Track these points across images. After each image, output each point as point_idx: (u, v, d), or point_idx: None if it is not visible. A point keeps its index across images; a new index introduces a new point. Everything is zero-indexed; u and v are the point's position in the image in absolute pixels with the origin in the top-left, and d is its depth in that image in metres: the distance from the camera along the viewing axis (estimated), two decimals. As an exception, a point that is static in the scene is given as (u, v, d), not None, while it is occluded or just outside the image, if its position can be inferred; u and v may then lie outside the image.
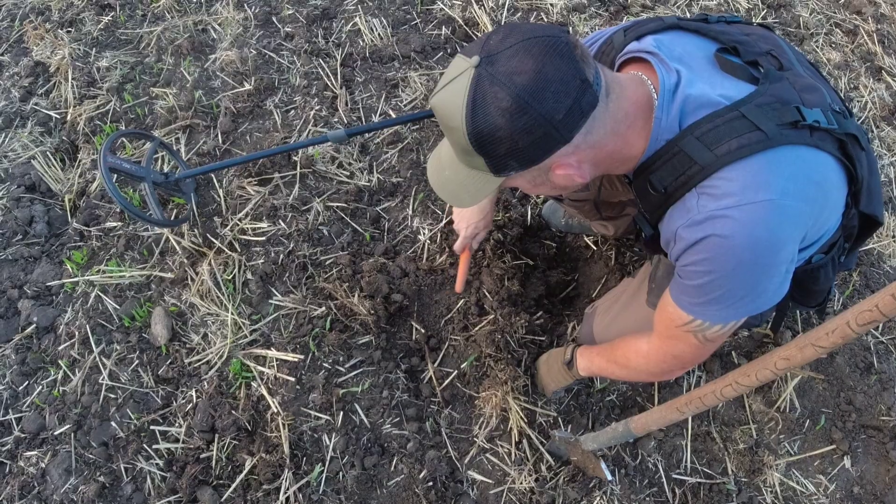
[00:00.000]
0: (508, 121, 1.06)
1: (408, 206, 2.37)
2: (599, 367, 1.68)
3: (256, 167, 2.46)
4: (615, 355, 1.58)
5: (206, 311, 2.20)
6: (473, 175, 1.22)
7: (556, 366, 1.83)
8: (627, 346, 1.53)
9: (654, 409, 1.58)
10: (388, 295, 2.12)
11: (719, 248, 1.14)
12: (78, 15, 3.12)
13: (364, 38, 2.86)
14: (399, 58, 2.80)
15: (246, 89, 2.71)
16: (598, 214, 1.93)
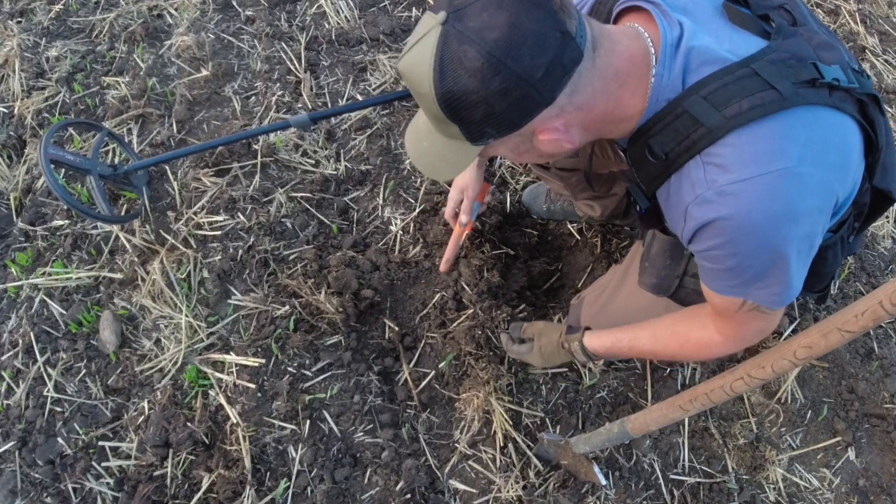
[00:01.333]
0: (481, 82, 0.89)
1: (378, 195, 2.14)
2: (632, 352, 1.44)
3: (214, 157, 2.20)
4: (659, 348, 1.37)
5: (159, 314, 1.95)
6: (450, 145, 1.06)
7: (551, 346, 1.59)
8: (682, 341, 1.32)
9: (652, 407, 1.37)
10: (358, 291, 1.89)
11: (735, 229, 0.98)
12: (29, 5, 2.83)
13: (330, 21, 2.61)
14: (367, 41, 2.56)
15: (203, 75, 2.45)
16: (587, 188, 1.72)
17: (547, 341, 1.55)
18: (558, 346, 1.52)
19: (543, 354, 1.56)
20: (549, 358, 1.57)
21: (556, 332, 1.55)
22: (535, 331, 1.60)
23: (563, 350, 1.52)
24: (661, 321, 1.37)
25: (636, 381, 1.83)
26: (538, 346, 1.56)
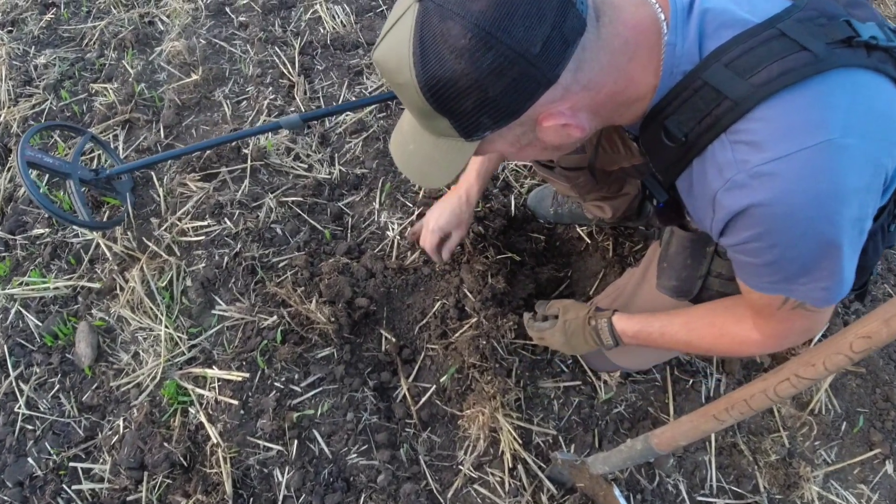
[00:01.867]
0: (470, 63, 0.76)
1: (374, 199, 1.98)
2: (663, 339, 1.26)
3: (201, 161, 2.05)
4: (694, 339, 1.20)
5: (138, 325, 1.78)
6: (441, 144, 0.91)
7: (577, 323, 1.39)
8: (717, 334, 1.15)
9: (681, 419, 1.19)
10: (352, 299, 1.72)
11: (774, 216, 0.83)
12: (20, 15, 2.72)
13: (325, 26, 2.49)
14: (364, 45, 2.43)
15: (192, 80, 2.32)
16: (595, 188, 1.57)
17: (573, 316, 1.38)
18: (584, 323, 1.35)
19: (567, 331, 1.39)
20: (573, 336, 1.39)
21: (584, 309, 1.38)
22: (561, 306, 1.42)
23: (589, 328, 1.34)
24: (696, 310, 1.20)
25: (656, 393, 1.65)
26: (562, 321, 1.39)
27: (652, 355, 1.54)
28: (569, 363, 1.63)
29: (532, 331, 1.48)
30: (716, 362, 1.71)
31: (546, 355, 1.63)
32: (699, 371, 1.69)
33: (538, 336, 1.46)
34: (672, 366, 1.68)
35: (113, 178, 1.99)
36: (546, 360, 1.63)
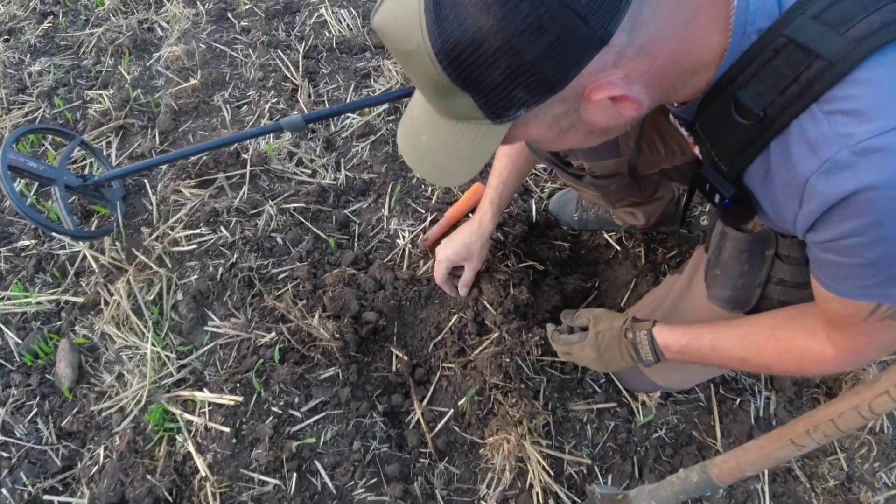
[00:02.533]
0: (500, 16, 0.58)
1: (383, 205, 1.79)
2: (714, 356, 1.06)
3: (197, 167, 1.87)
4: (752, 355, 1.00)
5: (123, 343, 1.58)
6: (462, 131, 0.72)
7: (612, 334, 1.20)
8: (781, 350, 0.95)
9: (747, 446, 1.00)
10: (359, 314, 1.52)
11: (887, 203, 0.64)
12: (18, 24, 2.57)
13: (331, 30, 2.33)
14: (371, 48, 2.26)
15: (190, 84, 2.15)
16: (627, 194, 1.38)
17: (607, 327, 1.19)
18: (620, 336, 1.17)
19: (600, 345, 1.19)
20: (606, 350, 1.19)
21: (619, 319, 1.19)
22: (591, 316, 1.23)
23: (626, 341, 1.15)
24: (755, 321, 1.01)
25: (700, 415, 1.43)
26: (594, 333, 1.19)
27: (697, 372, 1.33)
28: (602, 382, 1.42)
29: (558, 345, 1.27)
30: (764, 379, 1.49)
31: (576, 374, 1.42)
32: (746, 389, 1.48)
33: (565, 351, 1.26)
34: (716, 384, 1.47)
35: (102, 184, 1.81)
36: (577, 379, 1.41)
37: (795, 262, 1.02)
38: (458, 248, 1.44)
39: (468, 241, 1.43)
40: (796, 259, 1.02)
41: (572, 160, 1.25)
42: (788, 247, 1.02)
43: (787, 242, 1.02)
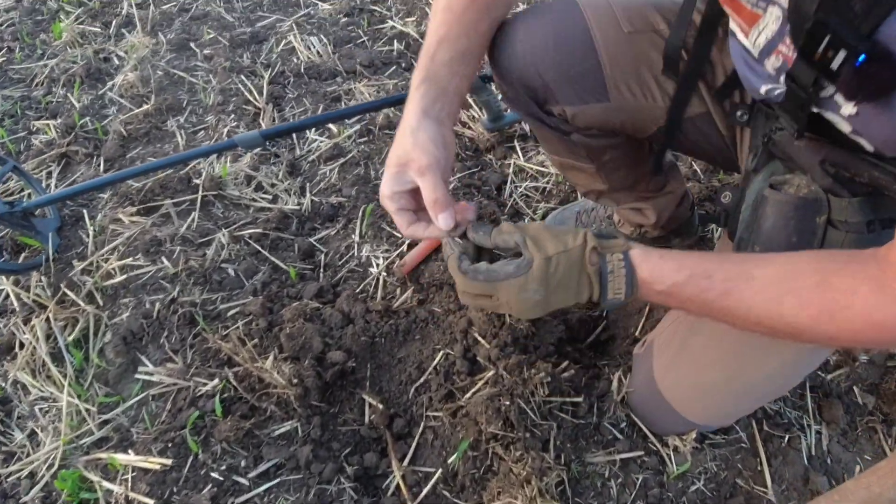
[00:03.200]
0: None
1: (353, 231, 1.52)
2: (723, 302, 0.71)
3: (142, 193, 1.60)
4: (786, 310, 0.67)
5: (39, 394, 1.26)
6: None
7: (570, 260, 0.75)
8: (833, 305, 0.65)
9: (845, 486, 0.72)
10: (323, 354, 1.22)
11: None
12: (-28, 60, 2.34)
13: (299, 56, 2.12)
14: (342, 73, 2.05)
15: (142, 109, 1.90)
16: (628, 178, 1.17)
17: (560, 248, 0.74)
18: (583, 261, 0.74)
19: (551, 277, 0.74)
20: (560, 286, 0.75)
21: (574, 236, 0.76)
22: (527, 233, 0.77)
23: (590, 268, 0.74)
24: (795, 260, 0.70)
25: (744, 459, 1.12)
26: (542, 260, 0.73)
27: (739, 401, 1.03)
28: (623, 426, 1.11)
29: (470, 282, 0.77)
30: (811, 410, 1.21)
31: (592, 418, 1.12)
32: (793, 423, 1.19)
33: (482, 292, 0.78)
34: (758, 419, 1.18)
35: (31, 212, 1.53)
36: (593, 424, 1.11)
37: (855, 230, 0.77)
38: (389, 160, 0.82)
39: (396, 143, 0.81)
40: (855, 226, 0.77)
41: (552, 106, 1.01)
42: (845, 210, 0.77)
43: (844, 205, 0.77)
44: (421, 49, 0.87)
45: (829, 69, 0.60)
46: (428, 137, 0.79)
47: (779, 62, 0.73)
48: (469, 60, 0.87)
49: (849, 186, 0.78)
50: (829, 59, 0.60)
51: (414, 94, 0.82)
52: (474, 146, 1.76)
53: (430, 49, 0.85)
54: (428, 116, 0.81)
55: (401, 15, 2.29)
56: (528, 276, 0.73)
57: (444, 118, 0.83)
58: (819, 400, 1.24)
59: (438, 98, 0.83)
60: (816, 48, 0.61)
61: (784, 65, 0.72)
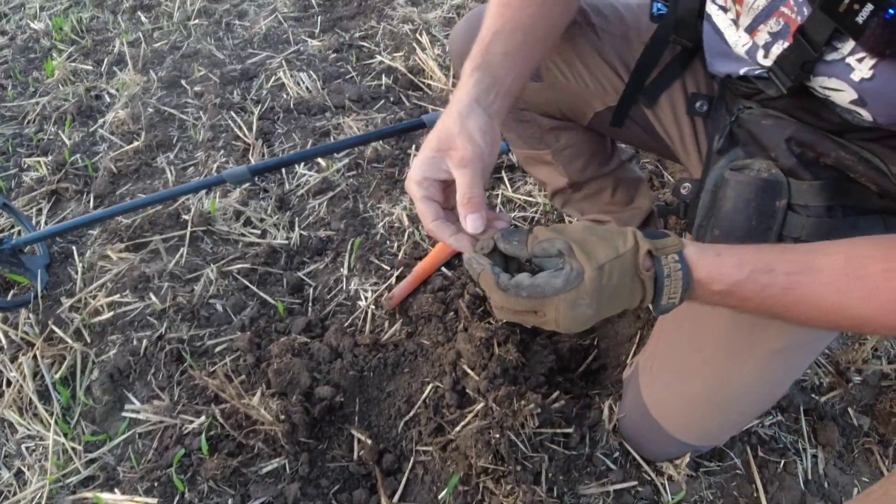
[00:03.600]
0: None
1: (342, 264, 1.52)
2: (788, 297, 0.67)
3: (131, 230, 1.60)
4: (853, 299, 0.65)
5: (26, 433, 1.24)
6: None
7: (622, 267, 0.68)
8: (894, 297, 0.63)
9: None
10: (311, 389, 1.21)
11: None
12: (-37, 101, 2.36)
13: (289, 92, 2.14)
14: (331, 108, 2.08)
15: (133, 146, 1.91)
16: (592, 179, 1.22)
17: (612, 255, 0.66)
18: (636, 266, 0.68)
19: (605, 288, 0.66)
20: (615, 293, 0.68)
21: (624, 238, 0.69)
22: (571, 237, 0.68)
23: (647, 274, 0.67)
24: (857, 243, 0.67)
25: (740, 485, 1.11)
26: (594, 271, 0.65)
27: (725, 413, 1.01)
28: (616, 456, 1.10)
29: (514, 299, 0.67)
30: (806, 433, 1.20)
31: (584, 449, 1.10)
32: (789, 448, 1.18)
33: (529, 308, 0.68)
34: (753, 445, 1.16)
35: (21, 249, 1.53)
36: (585, 454, 1.10)
37: (815, 215, 0.77)
38: (428, 142, 0.75)
39: (439, 126, 0.76)
40: (815, 210, 0.77)
41: None
42: (805, 194, 0.77)
43: (805, 188, 0.77)
44: (474, 43, 0.83)
45: (853, 23, 0.59)
46: (477, 127, 0.73)
47: (778, 25, 0.71)
48: (524, 59, 0.84)
49: (812, 169, 0.78)
50: (854, 12, 0.58)
51: (466, 80, 0.78)
52: (462, 178, 1.77)
53: (485, 40, 0.82)
54: (480, 105, 0.76)
55: (389, 50, 2.33)
56: (580, 290, 0.65)
57: (495, 112, 0.78)
58: (814, 423, 1.23)
59: (492, 88, 0.78)
60: (840, 1, 0.59)
61: (785, 28, 0.70)
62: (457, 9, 2.52)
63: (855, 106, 0.69)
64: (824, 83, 0.70)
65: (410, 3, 2.62)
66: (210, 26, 2.58)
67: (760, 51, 0.76)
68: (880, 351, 1.33)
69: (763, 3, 0.72)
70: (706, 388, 0.97)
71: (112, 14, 2.74)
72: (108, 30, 2.63)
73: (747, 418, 1.15)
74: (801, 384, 1.28)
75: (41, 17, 2.76)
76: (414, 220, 1.61)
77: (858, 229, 0.78)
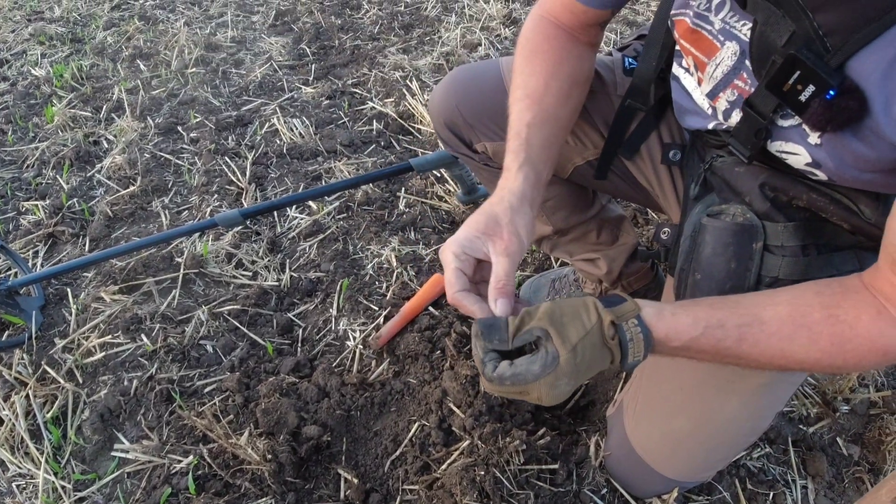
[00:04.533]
0: None
1: (331, 305, 1.55)
2: (741, 348, 0.72)
3: (125, 272, 1.63)
4: (798, 346, 0.70)
5: (17, 471, 1.24)
6: None
7: (591, 342, 0.73)
8: (842, 335, 0.68)
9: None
10: (298, 429, 1.23)
11: None
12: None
13: (282, 138, 2.21)
14: (323, 153, 2.14)
15: (129, 191, 1.96)
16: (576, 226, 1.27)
17: (581, 333, 0.71)
18: (603, 339, 0.72)
19: (580, 365, 0.72)
20: (588, 366, 0.73)
21: (588, 312, 0.73)
22: (544, 321, 0.72)
23: (612, 342, 0.72)
24: (795, 295, 0.72)
25: None
26: (569, 353, 0.70)
27: (710, 449, 1.03)
28: (604, 493, 1.11)
29: (503, 387, 0.73)
30: (796, 465, 1.21)
31: (571, 485, 1.12)
32: (777, 479, 1.19)
33: (517, 392, 0.74)
34: (742, 478, 1.18)
35: (16, 291, 1.55)
36: (572, 491, 1.11)
37: (791, 254, 0.81)
38: (475, 222, 0.81)
39: (489, 210, 0.82)
40: (791, 250, 0.81)
41: (476, 144, 1.13)
42: (780, 235, 0.82)
43: (779, 230, 0.82)
44: (508, 128, 0.90)
45: (797, 101, 0.65)
46: (524, 224, 0.81)
47: (734, 96, 0.78)
48: (557, 148, 0.93)
49: (785, 211, 0.82)
50: (797, 91, 0.64)
51: (517, 174, 0.85)
52: (451, 218, 1.82)
53: (522, 132, 0.88)
54: (527, 202, 0.83)
55: (380, 96, 2.41)
56: (558, 372, 0.71)
57: (537, 206, 0.86)
58: (803, 454, 1.25)
59: (537, 184, 0.86)
60: (785, 81, 0.65)
61: (739, 98, 0.77)
62: (446, 55, 2.62)
63: (810, 167, 0.74)
64: (781, 147, 0.76)
65: (401, 51, 2.72)
66: (207, 74, 2.67)
67: (721, 115, 0.81)
68: (867, 379, 1.36)
69: (720, 74, 0.79)
70: (692, 424, 0.99)
71: (112, 62, 2.83)
72: (108, 77, 2.71)
73: (734, 452, 1.17)
74: (789, 415, 1.30)
75: (42, 64, 2.85)
76: (402, 261, 1.64)
77: (833, 265, 0.82)
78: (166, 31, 3.08)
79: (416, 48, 2.76)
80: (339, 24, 3.01)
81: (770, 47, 0.68)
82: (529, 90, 0.92)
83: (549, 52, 0.94)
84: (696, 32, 0.81)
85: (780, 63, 0.66)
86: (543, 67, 0.93)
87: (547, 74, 0.92)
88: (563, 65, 0.94)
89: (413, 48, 2.76)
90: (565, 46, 0.96)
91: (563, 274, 1.56)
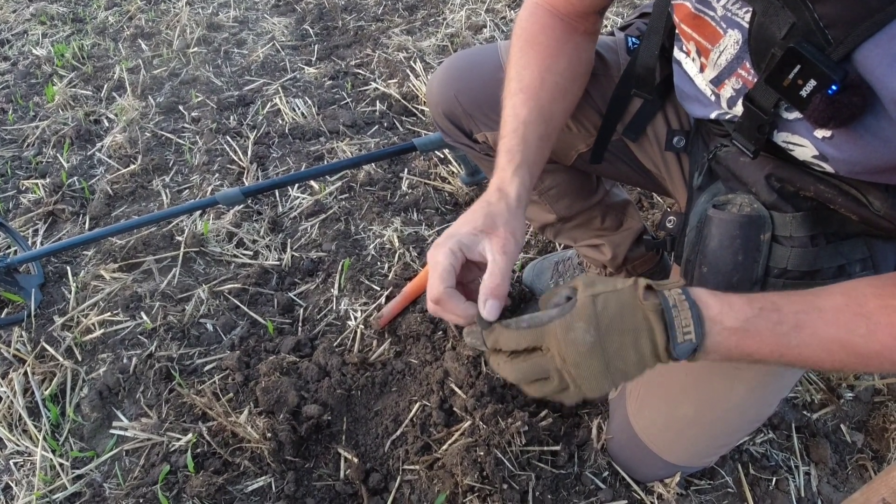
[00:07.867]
0: None
1: (332, 285, 1.53)
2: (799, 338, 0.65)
3: (125, 250, 1.61)
4: (860, 341, 0.63)
5: (14, 448, 1.23)
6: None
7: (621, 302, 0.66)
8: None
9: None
10: (298, 407, 1.21)
11: None
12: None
13: (284, 118, 2.18)
14: (326, 134, 2.11)
15: (129, 169, 1.94)
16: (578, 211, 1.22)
17: (605, 288, 0.66)
18: (636, 299, 0.65)
19: (600, 316, 0.64)
20: (611, 329, 0.65)
21: (623, 280, 0.68)
22: (575, 282, 0.69)
23: (647, 306, 0.65)
24: (853, 284, 0.67)
25: (731, 503, 1.11)
26: (588, 296, 0.65)
27: (714, 435, 1.01)
28: (605, 475, 1.10)
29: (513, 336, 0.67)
30: (799, 451, 1.19)
31: (572, 467, 1.10)
32: (780, 465, 1.18)
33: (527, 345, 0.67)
34: (745, 463, 1.16)
35: (15, 268, 1.54)
36: (573, 473, 1.09)
37: (800, 245, 0.78)
38: (473, 219, 0.76)
39: (486, 209, 0.77)
40: (799, 240, 0.77)
41: (476, 134, 1.09)
42: (788, 226, 0.78)
43: (787, 220, 0.78)
44: (502, 123, 0.86)
45: (798, 96, 0.61)
46: (519, 226, 0.77)
47: (738, 84, 0.74)
48: (550, 145, 0.89)
49: (793, 201, 0.79)
50: (798, 87, 0.61)
51: (513, 176, 0.80)
52: (454, 200, 1.80)
53: (518, 130, 0.84)
54: (522, 206, 0.80)
55: (383, 77, 2.38)
56: (573, 313, 0.65)
57: (526, 209, 0.82)
58: (806, 440, 1.23)
59: (530, 188, 0.83)
60: (785, 75, 0.61)
61: (743, 87, 0.73)
62: (451, 37, 2.58)
63: (817, 160, 0.71)
64: (787, 138, 0.73)
65: (405, 32, 2.68)
66: (209, 54, 2.63)
67: (725, 103, 0.78)
68: (869, 369, 1.34)
69: (724, 62, 0.75)
70: (696, 410, 0.97)
71: (113, 42, 2.79)
72: (109, 57, 2.68)
73: (737, 438, 1.15)
74: (793, 401, 1.28)
75: (43, 44, 2.82)
76: (404, 241, 1.62)
77: (841, 254, 0.79)
78: (168, 10, 3.04)
79: (421, 29, 2.72)
80: (342, 5, 2.97)
81: (769, 39, 0.64)
82: (524, 84, 0.88)
83: (545, 43, 0.90)
84: (698, 18, 0.77)
85: (779, 56, 0.62)
86: (539, 60, 0.89)
87: (542, 67, 0.88)
88: (559, 57, 0.90)
89: (417, 29, 2.72)
90: (562, 37, 0.92)
91: (566, 256, 1.54)
